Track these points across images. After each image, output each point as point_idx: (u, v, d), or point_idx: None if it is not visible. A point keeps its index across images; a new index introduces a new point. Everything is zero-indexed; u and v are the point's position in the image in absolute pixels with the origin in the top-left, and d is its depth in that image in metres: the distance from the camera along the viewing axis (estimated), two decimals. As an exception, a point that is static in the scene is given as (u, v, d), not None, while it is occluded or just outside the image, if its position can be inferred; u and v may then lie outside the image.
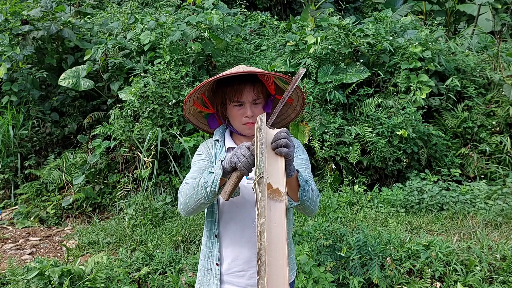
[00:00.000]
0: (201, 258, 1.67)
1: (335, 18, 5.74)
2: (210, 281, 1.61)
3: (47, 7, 5.69)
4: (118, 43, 5.79)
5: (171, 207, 4.49)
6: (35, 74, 5.82)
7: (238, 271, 1.59)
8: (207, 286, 1.62)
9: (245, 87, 1.54)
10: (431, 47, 5.44)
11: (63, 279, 2.94)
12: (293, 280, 1.74)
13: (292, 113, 1.76)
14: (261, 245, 1.05)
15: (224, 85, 1.60)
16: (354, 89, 5.28)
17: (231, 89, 1.56)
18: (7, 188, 5.29)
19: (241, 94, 1.55)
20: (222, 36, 5.53)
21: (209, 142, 1.69)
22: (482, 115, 5.38)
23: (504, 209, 4.20)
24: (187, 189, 1.45)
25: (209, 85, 1.65)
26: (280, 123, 1.79)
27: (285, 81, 1.61)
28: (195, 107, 1.69)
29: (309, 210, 1.47)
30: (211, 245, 1.61)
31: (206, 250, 1.63)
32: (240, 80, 1.55)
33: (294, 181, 1.38)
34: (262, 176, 1.17)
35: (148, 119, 4.92)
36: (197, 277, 1.70)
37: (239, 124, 1.59)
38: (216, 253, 1.59)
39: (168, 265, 3.33)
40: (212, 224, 1.60)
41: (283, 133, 1.30)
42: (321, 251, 3.22)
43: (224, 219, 1.59)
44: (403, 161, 4.88)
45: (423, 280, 3.10)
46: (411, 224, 4.11)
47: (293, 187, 1.39)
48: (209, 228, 1.62)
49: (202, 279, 1.65)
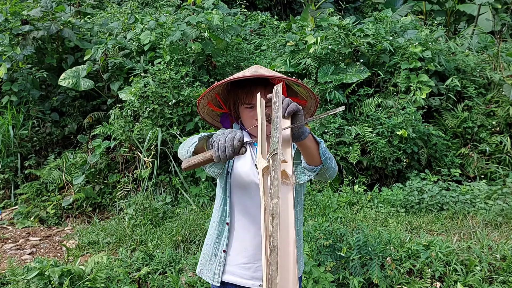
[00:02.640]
0: (207, 242, 1.67)
1: (335, 18, 5.74)
2: (213, 267, 1.62)
3: (47, 7, 5.69)
4: (118, 43, 5.79)
5: (171, 207, 4.49)
6: (35, 74, 5.81)
7: (245, 263, 1.59)
8: (209, 271, 1.63)
9: (256, 90, 1.54)
10: (431, 47, 5.44)
11: (63, 279, 2.94)
12: (300, 276, 1.73)
13: (307, 115, 1.76)
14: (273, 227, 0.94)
15: (237, 86, 1.61)
16: (354, 89, 5.28)
17: (243, 92, 1.57)
18: (7, 188, 5.28)
19: (252, 97, 1.55)
20: (222, 36, 5.53)
21: None
22: (482, 115, 5.38)
23: (504, 209, 4.20)
24: (183, 144, 1.47)
25: (222, 86, 1.66)
26: None
27: (298, 84, 1.61)
28: (209, 107, 1.71)
29: (331, 170, 1.45)
30: (220, 232, 1.62)
31: (214, 236, 1.64)
32: (252, 83, 1.56)
33: (312, 140, 1.35)
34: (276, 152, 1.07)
35: (148, 119, 4.92)
36: (199, 260, 1.70)
37: (250, 126, 1.61)
38: (225, 241, 1.59)
39: (168, 265, 3.33)
40: (223, 211, 1.61)
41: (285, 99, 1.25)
42: (321, 251, 3.22)
43: (236, 209, 1.60)
44: (403, 161, 4.88)
45: (423, 280, 3.09)
46: (411, 224, 4.11)
47: (312, 147, 1.36)
48: (220, 215, 1.62)
49: (205, 263, 1.66)
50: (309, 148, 1.36)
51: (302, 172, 1.45)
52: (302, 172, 1.45)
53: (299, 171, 1.45)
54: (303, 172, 1.45)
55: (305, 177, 1.45)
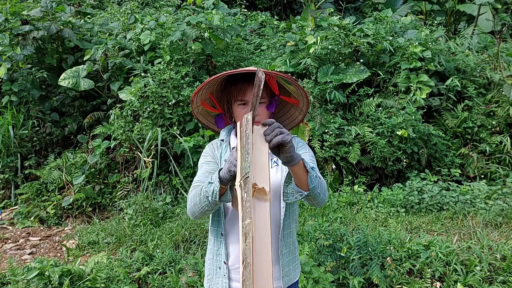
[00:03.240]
0: (209, 257, 1.68)
1: (335, 18, 5.74)
2: (219, 280, 1.62)
3: (47, 7, 5.69)
4: (118, 43, 5.79)
5: (171, 207, 4.49)
6: (35, 74, 5.81)
7: None
8: (217, 284, 1.63)
9: (249, 87, 1.55)
10: (431, 47, 5.44)
11: (63, 279, 2.94)
12: (297, 280, 1.74)
13: (299, 115, 1.77)
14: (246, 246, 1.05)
15: (230, 84, 1.63)
16: (354, 89, 5.28)
17: (235, 88, 1.59)
18: (7, 188, 5.29)
19: (244, 93, 1.56)
20: (222, 36, 5.53)
21: (215, 143, 1.71)
22: (482, 115, 5.38)
23: (504, 209, 4.19)
24: (192, 196, 1.49)
25: (216, 85, 1.68)
26: (288, 126, 1.81)
27: (289, 82, 1.61)
28: (204, 107, 1.71)
29: (319, 199, 1.45)
30: (218, 244, 1.62)
31: (214, 249, 1.65)
32: (244, 80, 1.57)
33: (302, 168, 1.37)
34: (247, 176, 1.16)
35: (148, 119, 4.92)
36: (205, 276, 1.71)
37: None
38: (224, 252, 1.60)
39: (168, 265, 3.33)
40: (219, 223, 1.61)
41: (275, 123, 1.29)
42: (321, 251, 3.22)
43: (229, 217, 1.60)
44: (403, 161, 4.88)
45: (423, 280, 3.10)
46: (411, 224, 4.11)
47: (301, 174, 1.38)
48: (215, 227, 1.63)
49: (212, 278, 1.66)
50: (297, 174, 1.37)
51: (291, 192, 1.45)
52: (291, 192, 1.45)
53: (289, 190, 1.46)
54: (291, 192, 1.45)
55: (292, 197, 1.45)
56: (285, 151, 1.29)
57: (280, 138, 1.26)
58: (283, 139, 1.26)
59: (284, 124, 1.79)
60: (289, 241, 1.65)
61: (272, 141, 1.26)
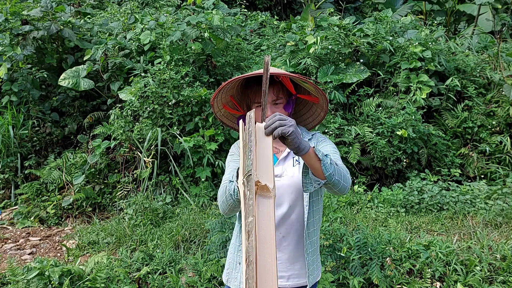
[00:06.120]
0: (231, 251, 1.73)
1: (335, 18, 5.74)
2: (238, 275, 1.67)
3: (47, 7, 5.69)
4: (118, 43, 5.79)
5: (171, 207, 4.49)
6: (35, 74, 5.81)
7: None
8: (235, 279, 1.68)
9: None
10: (431, 47, 5.44)
11: (63, 279, 2.94)
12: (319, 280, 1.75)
13: (321, 112, 1.78)
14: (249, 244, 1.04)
15: (246, 87, 1.66)
16: (354, 89, 5.28)
17: (251, 91, 1.61)
18: (7, 188, 5.29)
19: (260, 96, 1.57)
20: (222, 36, 5.53)
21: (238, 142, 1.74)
22: (482, 115, 5.38)
23: (504, 209, 4.19)
24: (220, 194, 1.53)
25: (236, 88, 1.71)
26: (312, 123, 1.83)
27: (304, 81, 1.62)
28: (226, 109, 1.75)
29: (340, 186, 1.42)
30: (240, 240, 1.65)
31: (236, 244, 1.69)
32: (260, 82, 1.58)
33: (313, 157, 1.35)
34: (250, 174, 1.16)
35: (148, 119, 4.92)
36: (225, 269, 1.76)
37: None
38: None
39: (168, 265, 3.33)
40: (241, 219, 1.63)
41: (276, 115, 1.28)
42: (321, 251, 3.22)
43: None
44: (403, 161, 4.88)
45: (423, 280, 3.10)
46: (411, 224, 4.11)
47: (314, 163, 1.36)
48: (239, 223, 1.66)
49: (231, 272, 1.71)
50: (310, 163, 1.36)
51: (310, 182, 1.43)
52: (309, 182, 1.44)
53: (307, 180, 1.44)
54: (310, 182, 1.43)
55: (311, 187, 1.43)
56: (289, 143, 1.28)
57: (280, 130, 1.25)
58: (283, 131, 1.25)
59: (308, 121, 1.82)
60: (314, 240, 1.66)
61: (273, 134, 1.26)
